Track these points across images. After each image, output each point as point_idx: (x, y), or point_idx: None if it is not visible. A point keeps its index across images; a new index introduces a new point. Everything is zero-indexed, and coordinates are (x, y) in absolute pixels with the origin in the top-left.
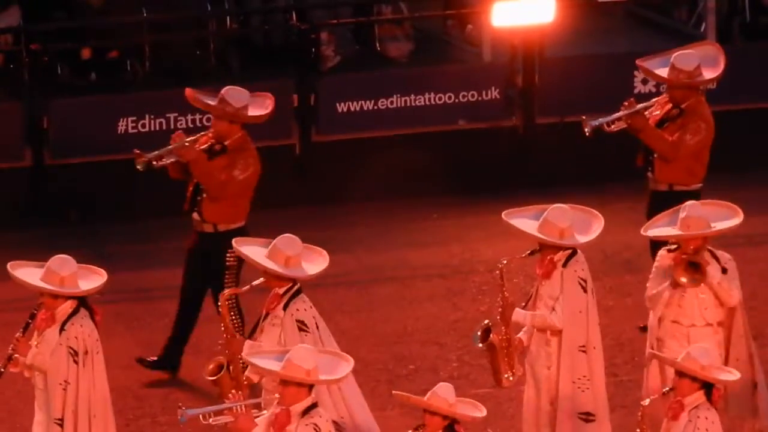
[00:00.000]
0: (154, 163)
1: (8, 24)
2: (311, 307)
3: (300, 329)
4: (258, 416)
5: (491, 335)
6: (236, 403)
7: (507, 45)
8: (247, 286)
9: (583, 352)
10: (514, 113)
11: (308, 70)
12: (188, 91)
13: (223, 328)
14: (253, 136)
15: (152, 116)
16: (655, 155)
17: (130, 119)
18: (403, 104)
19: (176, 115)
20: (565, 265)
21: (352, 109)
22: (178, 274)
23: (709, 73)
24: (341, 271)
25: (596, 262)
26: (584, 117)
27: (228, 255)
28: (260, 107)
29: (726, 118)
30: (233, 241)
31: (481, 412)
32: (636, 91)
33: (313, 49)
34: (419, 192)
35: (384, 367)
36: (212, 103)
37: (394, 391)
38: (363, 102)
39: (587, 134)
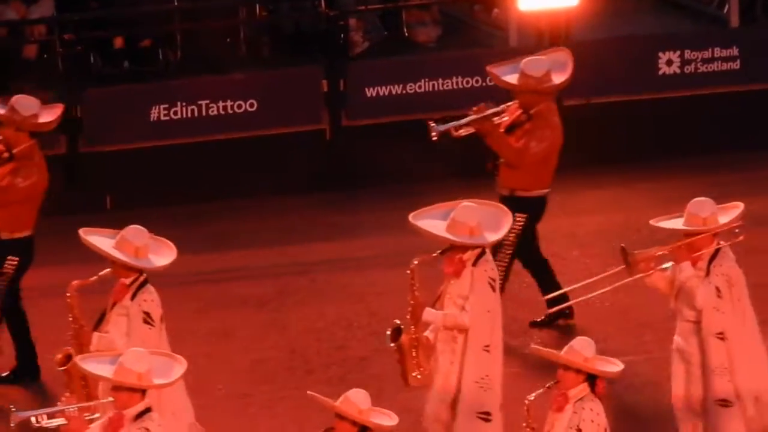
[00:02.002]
0: None
1: (42, 14)
2: (157, 299)
3: (145, 321)
4: (93, 419)
5: (402, 335)
6: (68, 406)
7: (533, 29)
8: (95, 277)
9: (487, 351)
10: None
11: (337, 56)
12: None
13: (71, 319)
14: (285, 121)
15: (184, 104)
16: (501, 160)
17: (162, 107)
18: (431, 88)
19: (208, 102)
20: (474, 264)
21: (381, 93)
22: (210, 260)
23: (558, 78)
24: (371, 254)
25: (624, 240)
26: (430, 122)
27: (7, 263)
28: (50, 115)
29: (749, 98)
30: (80, 232)
31: (392, 420)
32: (661, 72)
33: (342, 35)
34: (448, 175)
35: None
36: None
37: (308, 392)
38: (391, 87)
39: (433, 139)
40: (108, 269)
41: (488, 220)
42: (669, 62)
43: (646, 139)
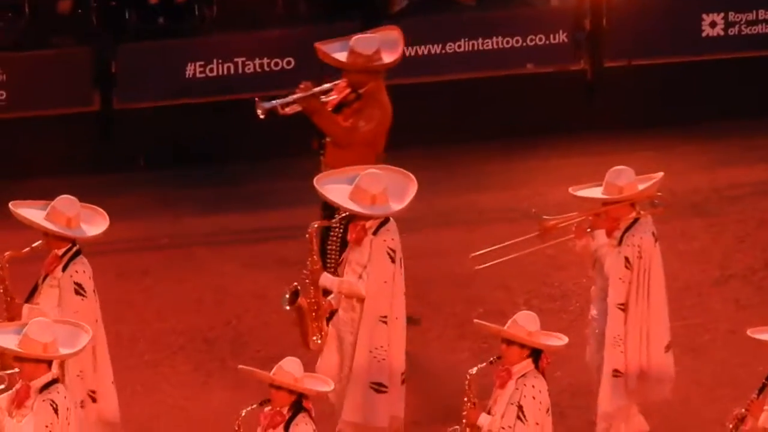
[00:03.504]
0: None
1: None
2: (89, 270)
3: (77, 292)
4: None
5: (299, 298)
6: None
7: None
8: (27, 249)
9: (384, 322)
10: (581, 56)
11: (376, 13)
12: None
13: (1, 291)
14: (321, 79)
15: (220, 61)
16: (329, 140)
17: (197, 64)
18: (470, 48)
19: (244, 59)
20: (375, 232)
21: (420, 53)
22: (246, 220)
23: (388, 57)
24: (409, 216)
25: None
26: (257, 99)
27: None
28: None
29: None
30: (10, 205)
31: (328, 386)
32: (704, 34)
33: None
34: (486, 135)
35: (452, 310)
36: None
37: (239, 366)
38: (431, 46)
39: (261, 116)
40: (40, 241)
41: (394, 188)
42: (713, 24)
43: (688, 101)
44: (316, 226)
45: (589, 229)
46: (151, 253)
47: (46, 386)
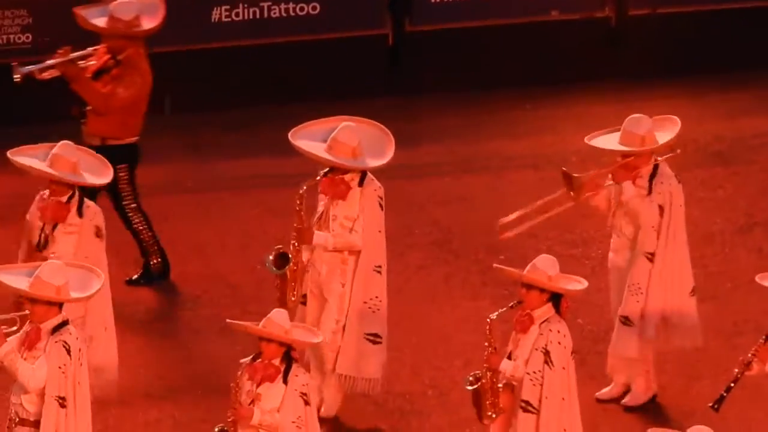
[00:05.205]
0: None
1: None
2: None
3: (97, 234)
4: (10, 333)
5: (289, 261)
6: None
7: None
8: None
9: (378, 272)
10: (606, 4)
11: None
12: None
13: None
14: (346, 25)
15: (246, 5)
16: (89, 108)
17: (224, 8)
18: None
19: (270, 4)
20: (361, 184)
21: None
22: (270, 165)
23: (148, 23)
24: (433, 162)
25: (688, 153)
26: (15, 63)
27: None
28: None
29: None
30: (9, 153)
31: (317, 337)
32: None
33: None
34: (511, 82)
35: (475, 257)
36: None
37: (228, 320)
38: None
39: (18, 81)
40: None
41: (370, 142)
42: None
43: (713, 50)
44: (305, 188)
45: (610, 182)
46: (175, 197)
47: (58, 328)
